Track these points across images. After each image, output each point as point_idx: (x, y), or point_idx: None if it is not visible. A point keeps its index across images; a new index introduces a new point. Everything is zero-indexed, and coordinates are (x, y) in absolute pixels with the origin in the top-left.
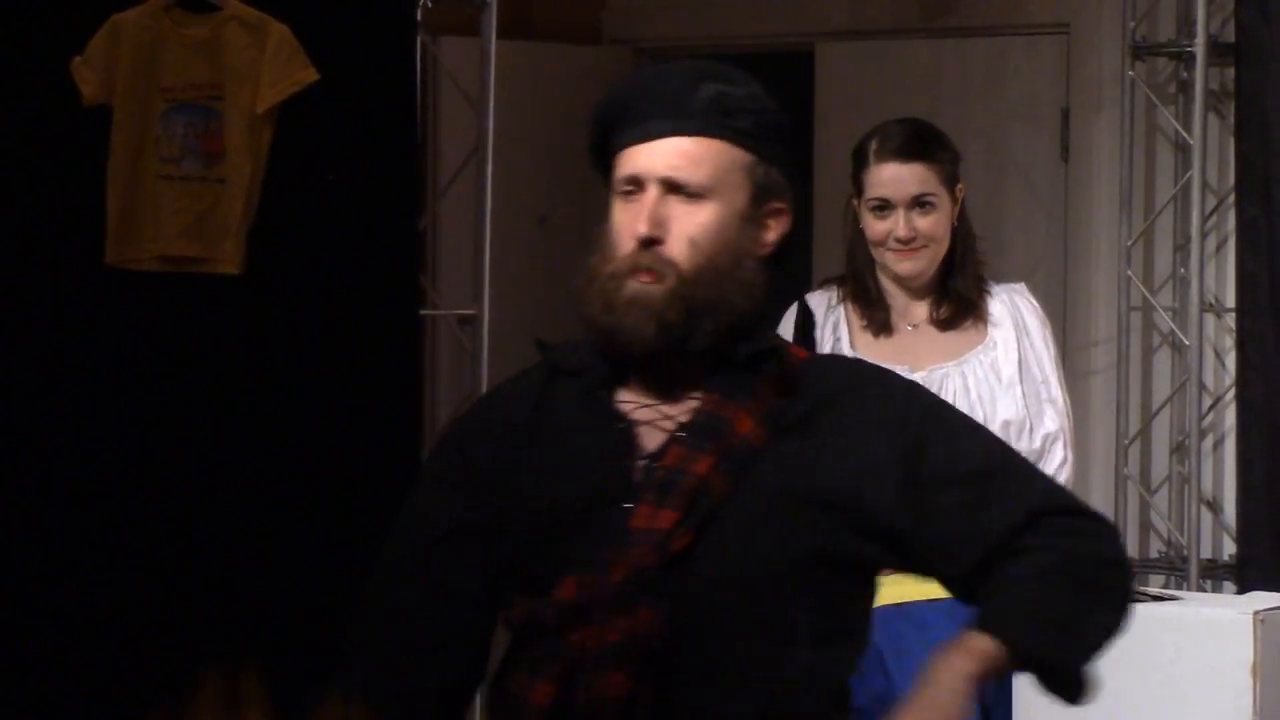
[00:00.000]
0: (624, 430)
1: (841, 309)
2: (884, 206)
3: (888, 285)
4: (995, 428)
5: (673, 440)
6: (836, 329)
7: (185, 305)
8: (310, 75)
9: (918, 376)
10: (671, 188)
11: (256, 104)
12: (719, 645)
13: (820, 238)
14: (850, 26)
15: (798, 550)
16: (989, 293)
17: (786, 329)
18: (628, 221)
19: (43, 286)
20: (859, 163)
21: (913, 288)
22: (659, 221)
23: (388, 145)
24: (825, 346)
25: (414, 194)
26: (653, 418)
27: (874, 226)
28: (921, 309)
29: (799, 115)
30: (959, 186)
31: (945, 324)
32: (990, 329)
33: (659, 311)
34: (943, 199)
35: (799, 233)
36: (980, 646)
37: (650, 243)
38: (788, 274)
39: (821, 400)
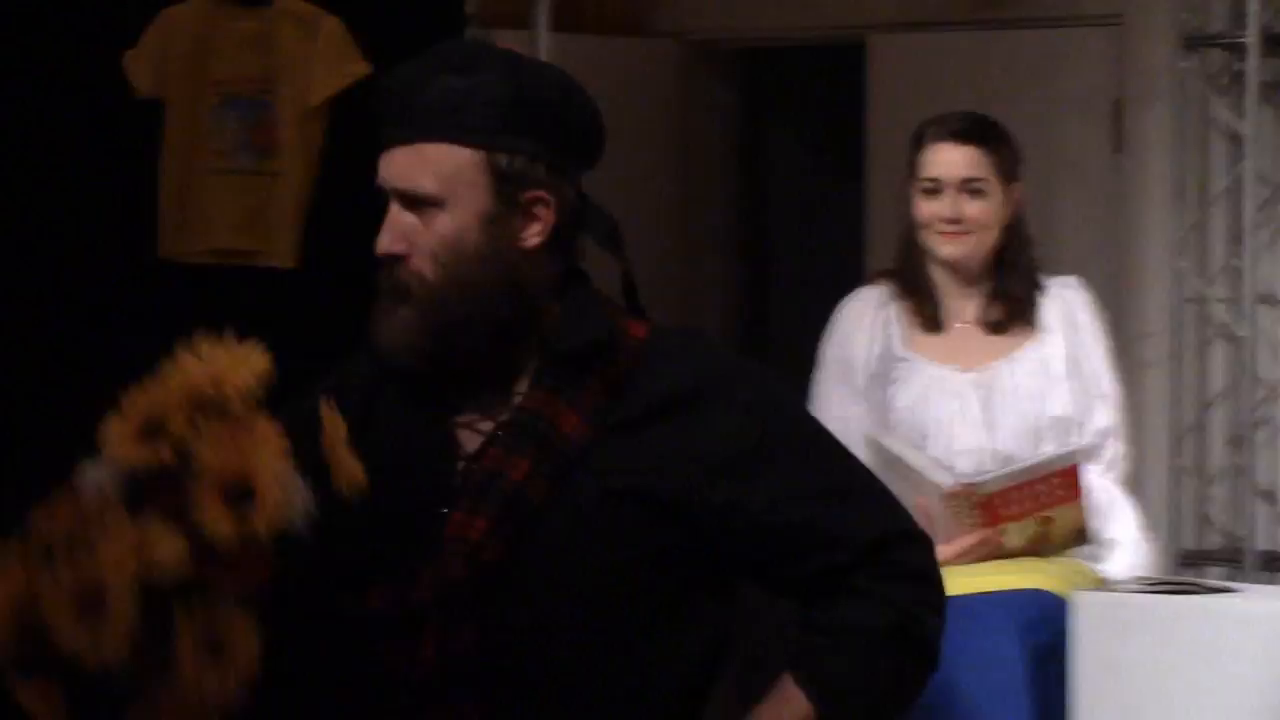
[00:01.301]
0: (445, 432)
1: (892, 305)
2: (934, 189)
3: (939, 279)
4: (1045, 424)
5: (490, 441)
6: (887, 326)
7: (238, 297)
8: (362, 68)
9: (969, 376)
10: (407, 201)
11: (309, 97)
12: (541, 660)
13: (873, 229)
14: (902, 19)
15: (620, 555)
16: (1040, 289)
17: (850, 320)
18: None
19: (96, 279)
20: (915, 145)
21: (963, 280)
22: (399, 236)
23: None
24: (875, 343)
25: None
26: (475, 418)
27: (923, 208)
28: (972, 306)
29: (851, 107)
30: (1015, 185)
31: (995, 326)
32: (1041, 326)
33: (409, 339)
34: (994, 188)
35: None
36: (798, 716)
37: (395, 258)
38: (605, 246)
39: (659, 400)
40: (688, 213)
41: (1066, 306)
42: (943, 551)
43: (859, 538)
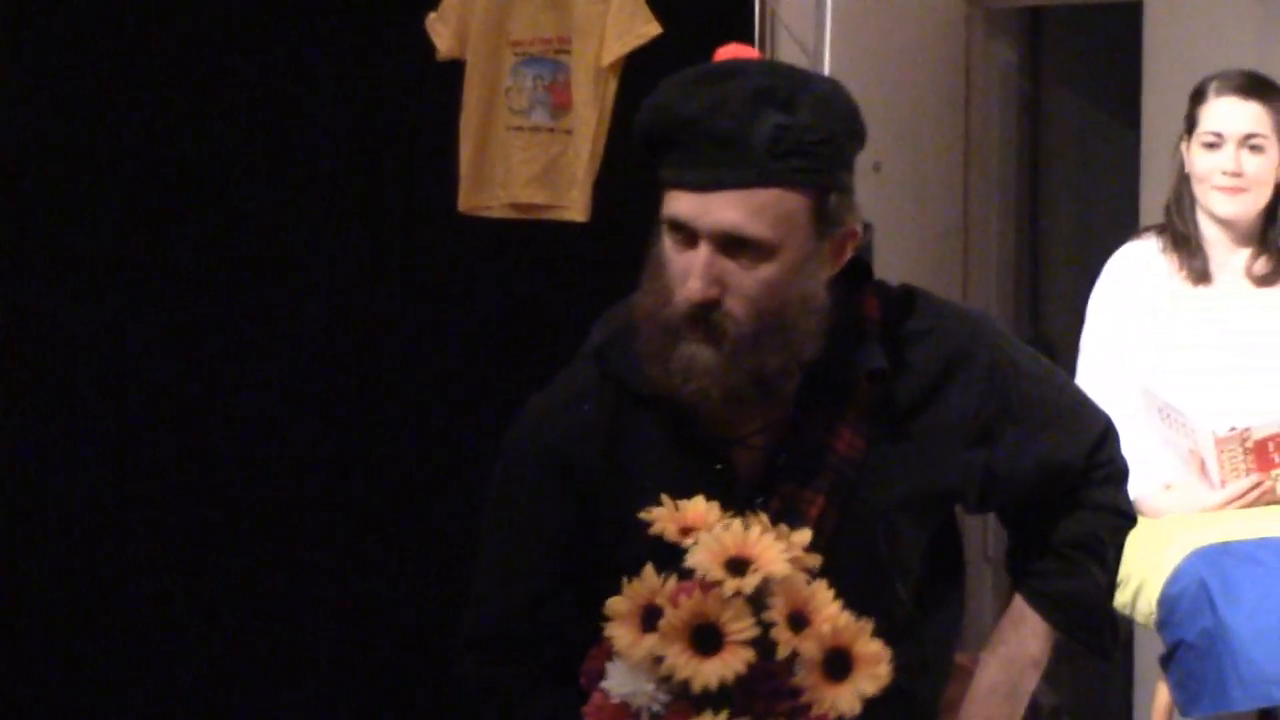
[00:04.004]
0: (723, 468)
1: (1162, 258)
2: (1216, 143)
3: (1208, 233)
4: None
5: (779, 475)
6: (1156, 278)
7: (534, 251)
8: (653, 29)
9: (1236, 327)
10: (728, 245)
11: (602, 57)
12: None
13: (1147, 187)
14: None
15: (906, 556)
16: None
17: (1120, 273)
18: (681, 268)
19: (400, 232)
20: (1196, 100)
21: (1233, 235)
22: (714, 280)
23: None
24: (1144, 295)
25: None
26: (747, 446)
27: (1201, 161)
28: (1240, 259)
29: (1127, 64)
30: None
31: (1263, 280)
32: None
33: (721, 379)
34: (1271, 145)
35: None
36: (1043, 640)
37: (706, 304)
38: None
39: (917, 394)
40: (968, 163)
41: None
42: (1216, 497)
43: (1077, 457)
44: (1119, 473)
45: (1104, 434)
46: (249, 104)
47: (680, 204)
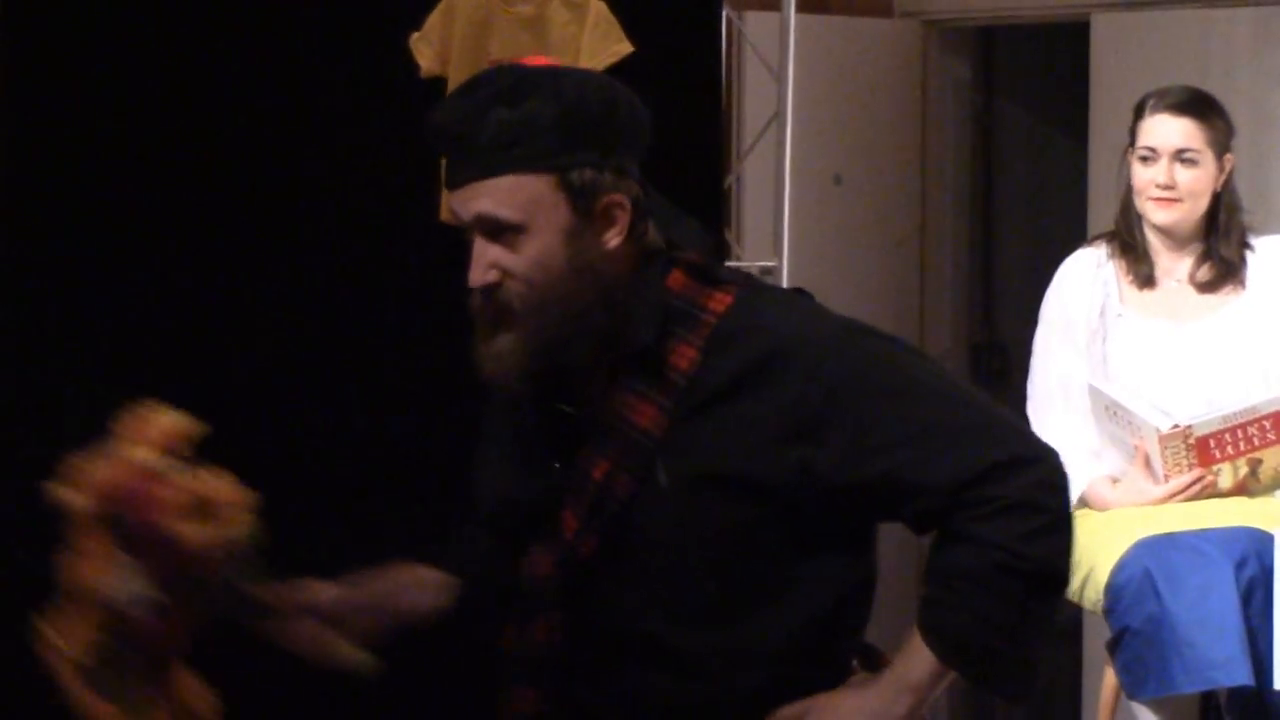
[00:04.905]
0: (540, 430)
1: (1109, 264)
2: (1151, 157)
3: (1153, 240)
4: (1254, 374)
5: (582, 440)
6: (1105, 284)
7: None
8: (625, 48)
9: (1181, 330)
10: (489, 230)
11: None
12: (627, 644)
13: (1095, 197)
14: None
15: (705, 537)
16: (1250, 249)
17: (1070, 279)
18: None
19: (386, 238)
20: (1136, 115)
21: (1175, 242)
22: (488, 265)
23: (695, 111)
24: (1094, 300)
25: (719, 156)
26: (577, 412)
27: (1139, 174)
28: (1185, 266)
29: (1076, 81)
30: (1227, 156)
31: (1206, 286)
32: (1251, 283)
33: (515, 362)
34: (1206, 159)
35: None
36: (927, 669)
37: (490, 287)
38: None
39: (729, 379)
40: (925, 175)
41: (1276, 263)
42: (1160, 490)
43: (944, 481)
44: (1011, 506)
45: (995, 467)
46: (234, 118)
47: (451, 202)
